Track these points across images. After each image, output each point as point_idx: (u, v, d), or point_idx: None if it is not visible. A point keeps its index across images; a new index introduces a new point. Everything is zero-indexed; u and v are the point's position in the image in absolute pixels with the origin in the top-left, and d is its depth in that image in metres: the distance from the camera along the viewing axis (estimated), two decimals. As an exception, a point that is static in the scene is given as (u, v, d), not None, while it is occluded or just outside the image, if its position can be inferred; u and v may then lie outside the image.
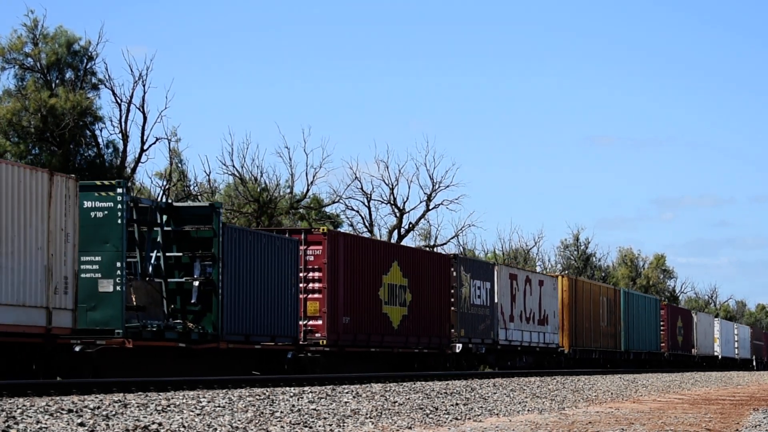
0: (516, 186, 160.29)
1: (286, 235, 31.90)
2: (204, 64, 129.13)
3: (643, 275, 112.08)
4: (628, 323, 60.03)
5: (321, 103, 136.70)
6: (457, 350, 40.53)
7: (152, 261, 27.11)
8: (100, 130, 50.78)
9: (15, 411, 14.54)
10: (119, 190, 24.93)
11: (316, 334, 32.53)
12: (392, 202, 65.93)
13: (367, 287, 35.17)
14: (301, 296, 31.87)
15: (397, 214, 65.96)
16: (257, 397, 19.21)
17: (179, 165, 57.93)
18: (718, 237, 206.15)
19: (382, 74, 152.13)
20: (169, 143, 54.85)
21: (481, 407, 20.07)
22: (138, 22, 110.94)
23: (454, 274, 40.81)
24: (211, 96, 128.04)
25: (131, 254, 26.04)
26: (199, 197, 57.10)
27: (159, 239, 27.36)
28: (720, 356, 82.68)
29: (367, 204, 65.32)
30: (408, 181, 72.78)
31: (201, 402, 17.40)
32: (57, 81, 48.81)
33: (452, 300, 40.53)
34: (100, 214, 24.66)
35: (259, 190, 57.96)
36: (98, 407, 15.55)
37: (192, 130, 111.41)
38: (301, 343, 31.65)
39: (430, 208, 66.76)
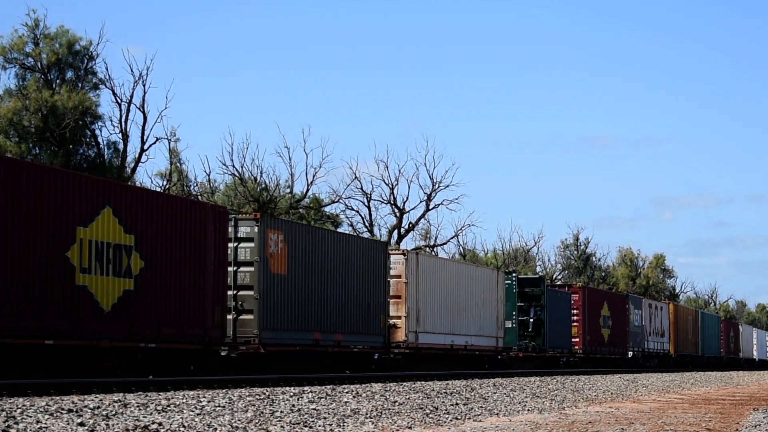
0: (516, 186, 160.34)
1: (565, 289, 54.74)
2: (204, 64, 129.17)
3: (643, 275, 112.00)
4: (703, 334, 79.23)
5: (321, 103, 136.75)
6: (630, 356, 61.45)
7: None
8: (100, 130, 50.86)
9: (15, 411, 14.54)
10: (514, 275, 48.36)
11: (575, 347, 53.84)
12: (392, 202, 65.96)
13: (595, 318, 56.23)
14: (564, 324, 53.96)
15: (397, 214, 65.98)
16: (257, 396, 19.21)
17: (178, 165, 57.98)
18: (718, 237, 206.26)
19: (382, 74, 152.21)
20: (170, 143, 54.91)
21: (481, 407, 20.07)
22: (138, 22, 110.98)
23: (627, 306, 61.48)
24: (211, 96, 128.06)
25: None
26: (200, 197, 57.14)
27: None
28: (757, 358, 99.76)
29: (367, 204, 65.35)
30: (408, 181, 72.93)
31: (201, 402, 17.40)
32: (58, 81, 48.80)
33: (627, 323, 61.26)
34: (505, 286, 46.42)
35: (259, 190, 57.98)
36: (98, 407, 15.56)
37: (192, 130, 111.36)
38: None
39: (430, 208, 66.82)
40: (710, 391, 33.64)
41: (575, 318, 53.51)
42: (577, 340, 53.65)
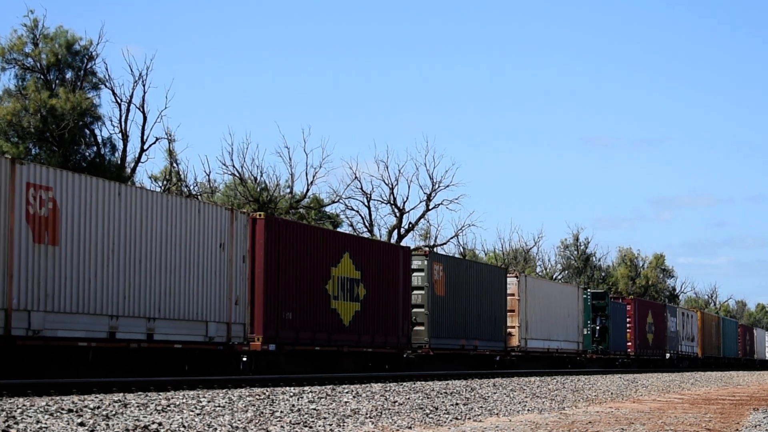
0: (516, 186, 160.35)
1: (619, 300, 63.50)
2: (204, 64, 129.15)
3: (643, 275, 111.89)
4: (724, 338, 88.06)
5: (321, 103, 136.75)
6: (667, 357, 69.68)
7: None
8: (100, 130, 50.80)
9: (15, 411, 14.53)
10: (589, 290, 58.88)
11: (629, 350, 62.34)
12: (392, 202, 65.92)
13: (643, 325, 64.84)
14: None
15: (397, 214, 65.94)
16: (257, 396, 19.20)
17: (176, 165, 57.92)
18: (717, 237, 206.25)
19: (382, 74, 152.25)
20: (169, 143, 54.88)
21: (481, 407, 20.06)
22: (138, 22, 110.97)
23: (665, 314, 70.03)
24: (211, 96, 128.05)
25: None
26: (199, 197, 57.11)
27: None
28: None
29: (367, 204, 65.32)
30: (408, 181, 73.05)
31: (201, 402, 17.39)
32: (57, 81, 48.74)
33: (665, 329, 69.67)
34: (583, 300, 55.10)
35: (258, 189, 57.95)
36: (98, 407, 15.55)
37: (192, 130, 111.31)
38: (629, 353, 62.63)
39: (430, 208, 66.79)
40: (710, 391, 33.62)
41: (629, 325, 62.87)
42: (630, 344, 62.94)
